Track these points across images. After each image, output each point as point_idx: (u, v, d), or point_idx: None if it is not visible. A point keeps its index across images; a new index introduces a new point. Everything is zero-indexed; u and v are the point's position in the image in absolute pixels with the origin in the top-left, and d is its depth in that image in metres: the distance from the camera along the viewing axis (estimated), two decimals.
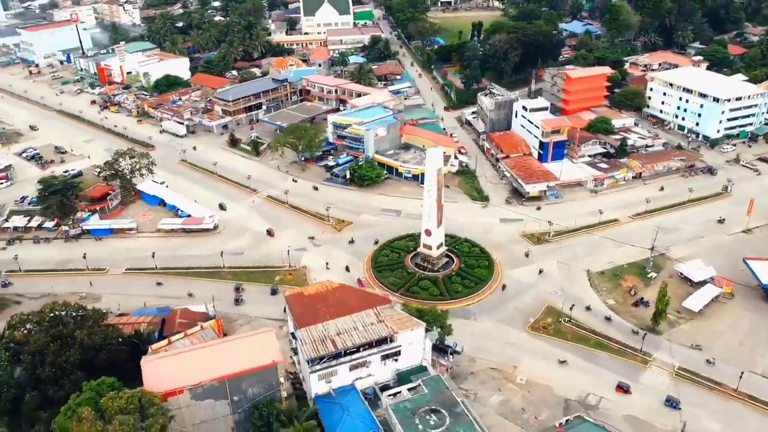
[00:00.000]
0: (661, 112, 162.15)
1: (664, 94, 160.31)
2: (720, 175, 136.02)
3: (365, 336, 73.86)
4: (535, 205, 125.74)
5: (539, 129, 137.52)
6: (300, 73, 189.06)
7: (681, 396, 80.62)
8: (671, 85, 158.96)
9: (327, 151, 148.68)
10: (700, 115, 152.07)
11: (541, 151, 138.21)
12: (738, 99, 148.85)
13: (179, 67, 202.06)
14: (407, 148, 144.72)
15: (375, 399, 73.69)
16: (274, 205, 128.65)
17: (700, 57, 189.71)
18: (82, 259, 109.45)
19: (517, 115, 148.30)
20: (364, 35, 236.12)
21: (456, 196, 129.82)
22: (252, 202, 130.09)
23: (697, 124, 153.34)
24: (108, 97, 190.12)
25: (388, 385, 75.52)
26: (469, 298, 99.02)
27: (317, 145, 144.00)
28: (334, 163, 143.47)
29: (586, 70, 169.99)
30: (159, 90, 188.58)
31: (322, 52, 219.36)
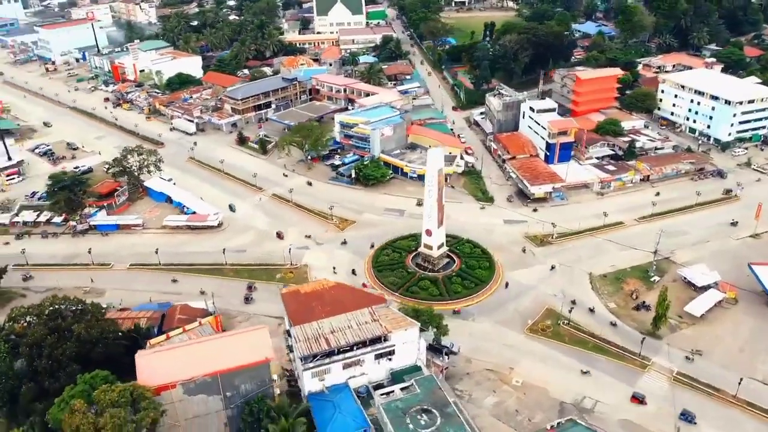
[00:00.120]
0: (672, 114, 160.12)
1: (676, 96, 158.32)
2: (730, 178, 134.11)
3: (359, 335, 74.10)
4: (538, 207, 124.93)
5: (546, 130, 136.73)
6: (310, 73, 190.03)
7: (677, 401, 79.71)
8: (683, 87, 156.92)
9: (334, 149, 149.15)
10: (711, 117, 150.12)
11: (548, 153, 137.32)
12: (750, 101, 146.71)
13: (192, 65, 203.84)
14: (413, 148, 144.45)
15: (368, 398, 73.81)
16: (279, 204, 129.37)
17: (714, 59, 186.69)
18: (87, 254, 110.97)
19: (524, 116, 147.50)
20: (376, 35, 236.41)
21: (460, 196, 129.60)
22: (259, 200, 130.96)
23: (708, 127, 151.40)
24: (121, 94, 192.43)
25: (382, 384, 75.53)
26: (469, 298, 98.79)
27: (323, 144, 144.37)
28: (341, 162, 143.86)
29: (596, 72, 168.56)
30: (171, 88, 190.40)
31: (334, 52, 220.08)
